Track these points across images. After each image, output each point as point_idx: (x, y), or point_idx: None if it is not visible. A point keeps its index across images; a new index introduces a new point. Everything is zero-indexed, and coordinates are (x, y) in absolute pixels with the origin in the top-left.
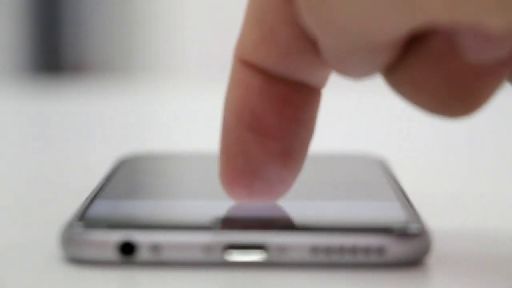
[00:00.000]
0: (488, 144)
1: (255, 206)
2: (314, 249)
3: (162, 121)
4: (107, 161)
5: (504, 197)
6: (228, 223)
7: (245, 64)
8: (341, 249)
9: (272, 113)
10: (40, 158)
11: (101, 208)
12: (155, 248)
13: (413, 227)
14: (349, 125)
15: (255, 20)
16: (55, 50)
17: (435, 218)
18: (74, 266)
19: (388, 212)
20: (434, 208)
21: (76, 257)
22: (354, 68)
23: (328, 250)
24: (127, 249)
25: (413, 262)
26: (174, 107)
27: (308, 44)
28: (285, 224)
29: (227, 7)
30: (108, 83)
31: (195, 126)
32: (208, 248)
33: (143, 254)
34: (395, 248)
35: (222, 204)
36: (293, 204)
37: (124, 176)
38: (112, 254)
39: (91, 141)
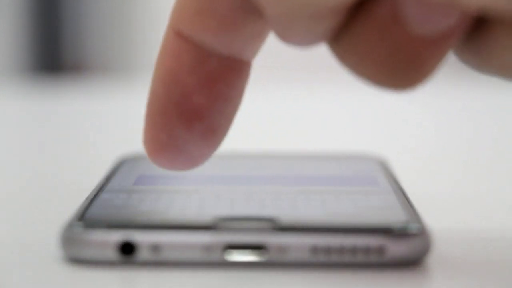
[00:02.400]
0: (488, 144)
1: (255, 206)
2: (314, 249)
3: None
4: (107, 161)
5: (504, 197)
6: (228, 223)
7: (179, 35)
8: (341, 249)
9: (200, 92)
10: (40, 158)
11: (101, 208)
12: (155, 248)
13: (413, 227)
14: (349, 125)
15: None
16: (55, 50)
17: (435, 218)
18: (74, 266)
19: (388, 212)
20: (434, 208)
21: (76, 257)
22: (298, 35)
23: (328, 250)
24: (127, 249)
25: (413, 262)
26: None
27: (245, 16)
28: (285, 224)
29: None
30: (108, 83)
31: None
32: (208, 248)
33: (143, 254)
34: (395, 248)
35: (222, 204)
36: (293, 204)
37: (124, 176)
38: (112, 254)
39: (91, 141)
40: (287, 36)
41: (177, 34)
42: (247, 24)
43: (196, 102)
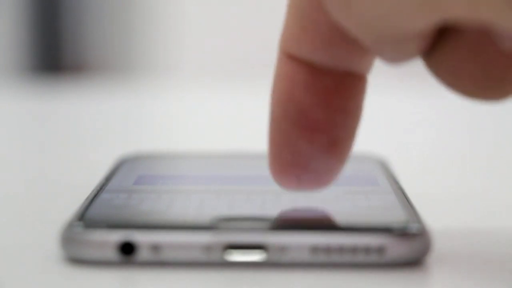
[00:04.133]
0: (488, 144)
1: (255, 206)
2: (314, 249)
3: (162, 121)
4: (107, 161)
5: (504, 197)
6: (228, 223)
7: (290, 57)
8: (341, 249)
9: (318, 107)
10: (40, 158)
11: (101, 208)
12: (155, 248)
13: (413, 227)
14: None
15: (296, 12)
16: (55, 50)
17: (435, 218)
18: (74, 266)
19: (388, 212)
20: (434, 208)
21: (76, 257)
22: (389, 55)
23: (328, 250)
24: (127, 249)
25: (413, 262)
26: (174, 107)
27: (344, 35)
28: (285, 224)
29: (227, 7)
30: (108, 83)
31: (195, 126)
32: (208, 248)
33: (143, 254)
34: (395, 248)
35: (222, 204)
36: (293, 204)
37: (124, 176)
38: (112, 254)
39: (91, 141)
40: (381, 56)
41: (288, 56)
42: (351, 43)
43: (314, 117)
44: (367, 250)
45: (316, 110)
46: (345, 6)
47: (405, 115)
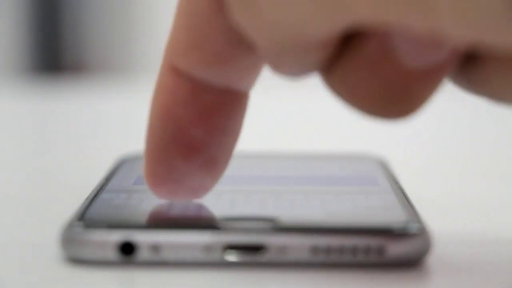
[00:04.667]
0: (488, 144)
1: (255, 206)
2: (314, 249)
3: None
4: (107, 161)
5: (504, 197)
6: (228, 223)
7: (173, 70)
8: (341, 249)
9: (197, 125)
10: (40, 158)
11: (101, 208)
12: (155, 248)
13: (413, 227)
14: (349, 125)
15: (186, 25)
16: (55, 50)
17: (435, 218)
18: (74, 266)
19: (388, 212)
20: (434, 208)
21: (76, 257)
22: (288, 67)
23: (328, 250)
24: (127, 249)
25: (413, 262)
26: None
27: (238, 49)
28: (285, 224)
29: None
30: (108, 83)
31: None
32: (208, 248)
33: (143, 254)
34: (395, 248)
35: (222, 204)
36: (293, 204)
37: (124, 176)
38: (112, 254)
39: (91, 141)
40: (278, 68)
41: (172, 69)
42: (241, 57)
43: (193, 135)
44: (367, 250)
45: (195, 128)
46: (248, 8)
47: None
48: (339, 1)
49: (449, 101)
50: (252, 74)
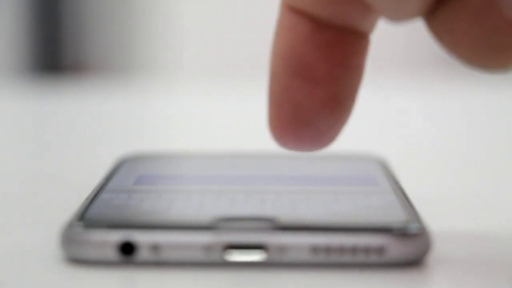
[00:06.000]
0: (488, 144)
1: (255, 206)
2: (314, 249)
3: (162, 121)
4: (107, 161)
5: (504, 197)
6: (228, 223)
7: (292, 10)
8: (341, 249)
9: (320, 59)
10: (40, 158)
11: (101, 208)
12: (155, 248)
13: (413, 227)
14: (349, 125)
15: None
16: (55, 50)
17: (435, 218)
18: (74, 266)
19: (388, 212)
20: (434, 208)
21: (76, 257)
22: (391, 12)
23: (328, 250)
24: (127, 249)
25: (413, 262)
26: (174, 106)
27: None
28: (285, 224)
29: (227, 7)
30: (108, 83)
31: (195, 126)
32: (208, 248)
33: (143, 254)
34: (395, 248)
35: (222, 204)
36: (293, 204)
37: (124, 176)
38: (112, 254)
39: (91, 141)
40: (383, 11)
41: (290, 9)
42: None
43: (315, 70)
44: (367, 250)
45: (317, 63)
46: None
47: (405, 115)
48: None
49: (449, 101)
50: (369, 15)
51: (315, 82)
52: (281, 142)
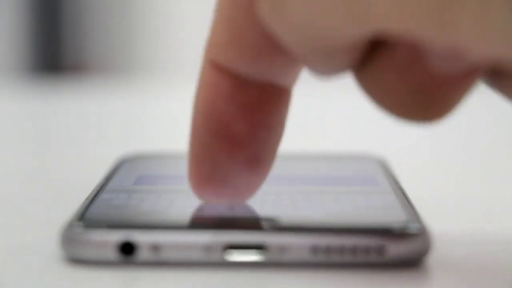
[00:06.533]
0: (488, 144)
1: (255, 206)
2: (314, 249)
3: (162, 121)
4: (107, 161)
5: (504, 198)
6: (228, 223)
7: (214, 65)
8: (341, 249)
9: (240, 120)
10: (40, 158)
11: (101, 208)
12: (155, 248)
13: (413, 227)
14: (349, 125)
15: (224, 21)
16: (55, 50)
17: (435, 218)
18: (74, 266)
19: (388, 212)
20: (434, 208)
21: (76, 257)
22: (319, 66)
23: (328, 250)
24: (127, 249)
25: (413, 262)
26: (174, 106)
27: (275, 45)
28: (285, 224)
29: None
30: (108, 83)
31: None
32: (208, 248)
33: (143, 254)
34: (395, 248)
35: (222, 204)
36: (293, 204)
37: (124, 176)
38: (112, 254)
39: (91, 141)
40: (309, 66)
41: (213, 65)
42: (279, 53)
43: (236, 130)
44: (367, 250)
45: (238, 123)
46: (277, 10)
47: None
48: (362, 10)
49: None
50: (292, 70)
51: (235, 143)
52: (200, 197)
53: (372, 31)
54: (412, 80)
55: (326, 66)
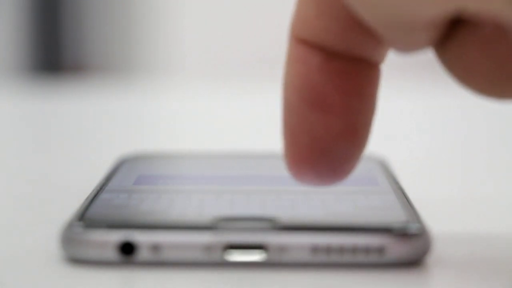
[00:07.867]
0: (488, 144)
1: (255, 206)
2: (314, 249)
3: (162, 121)
4: (107, 161)
5: (504, 198)
6: (228, 223)
7: (302, 42)
8: (341, 249)
9: (333, 89)
10: (40, 158)
11: (101, 208)
12: (155, 248)
13: (413, 227)
14: None
15: None
16: (55, 50)
17: (435, 218)
18: (74, 266)
19: (388, 212)
20: (434, 208)
21: (76, 257)
22: (401, 44)
23: (328, 250)
24: (127, 249)
25: (413, 262)
26: (174, 107)
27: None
28: (285, 224)
29: (227, 7)
30: (108, 83)
31: (195, 126)
32: (208, 248)
33: (143, 254)
34: (395, 248)
35: (222, 204)
36: (293, 204)
37: (124, 176)
38: (112, 254)
39: (91, 141)
40: (391, 43)
41: (300, 41)
42: (365, 28)
43: (330, 100)
44: (367, 250)
45: (332, 93)
46: None
47: (405, 115)
48: None
49: (449, 101)
50: (379, 46)
51: (331, 113)
52: (298, 174)
53: (454, 10)
54: (495, 56)
55: (407, 43)
